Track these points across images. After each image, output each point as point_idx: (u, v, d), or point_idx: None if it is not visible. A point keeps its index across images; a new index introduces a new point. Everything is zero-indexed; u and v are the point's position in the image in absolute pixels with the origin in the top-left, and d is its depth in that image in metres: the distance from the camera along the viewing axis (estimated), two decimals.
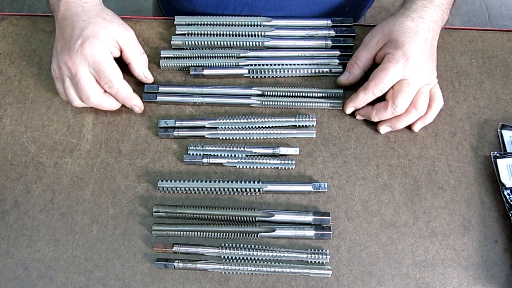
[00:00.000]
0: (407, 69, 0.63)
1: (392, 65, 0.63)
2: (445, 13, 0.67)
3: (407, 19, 0.65)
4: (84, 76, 0.62)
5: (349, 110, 0.69)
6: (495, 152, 0.66)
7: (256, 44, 0.73)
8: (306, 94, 0.70)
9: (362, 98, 0.67)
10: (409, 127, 0.68)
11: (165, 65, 0.72)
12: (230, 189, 0.64)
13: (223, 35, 0.73)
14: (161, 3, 0.93)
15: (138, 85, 0.71)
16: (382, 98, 0.67)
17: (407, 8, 0.66)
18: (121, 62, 0.67)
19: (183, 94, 0.70)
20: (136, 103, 0.68)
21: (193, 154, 0.66)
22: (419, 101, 0.65)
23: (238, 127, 0.68)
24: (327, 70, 0.72)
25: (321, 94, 0.70)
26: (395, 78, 0.64)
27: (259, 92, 0.70)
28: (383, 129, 0.68)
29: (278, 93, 0.70)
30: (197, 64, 0.72)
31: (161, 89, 0.70)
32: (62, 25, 0.64)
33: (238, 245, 0.61)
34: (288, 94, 0.70)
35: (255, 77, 0.72)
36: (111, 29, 0.64)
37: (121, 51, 0.66)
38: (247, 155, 0.66)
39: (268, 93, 0.70)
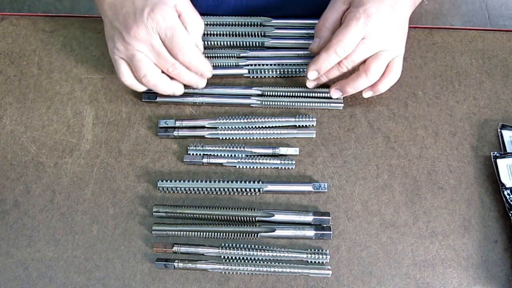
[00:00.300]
0: (367, 27, 0.60)
1: (353, 22, 0.60)
2: None
3: None
4: (158, 45, 0.59)
5: (311, 74, 0.65)
6: (495, 152, 0.66)
7: (256, 44, 0.73)
8: (305, 94, 0.70)
9: (325, 58, 0.63)
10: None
11: None
12: (230, 189, 0.64)
13: (223, 35, 0.73)
14: None
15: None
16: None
17: None
18: None
19: (183, 94, 0.70)
20: (209, 67, 0.65)
21: (193, 154, 0.66)
22: (371, 65, 0.62)
23: (238, 127, 0.68)
24: None
25: (320, 94, 0.70)
26: (357, 35, 0.61)
27: (259, 92, 0.70)
28: (334, 92, 0.67)
29: (278, 93, 0.70)
30: None
31: None
32: (116, 3, 0.61)
33: (238, 245, 0.61)
34: (288, 94, 0.70)
35: (255, 77, 0.72)
36: None
37: (179, 16, 0.62)
38: (247, 155, 0.66)
39: (268, 93, 0.70)
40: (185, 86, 0.68)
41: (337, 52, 0.62)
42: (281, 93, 0.70)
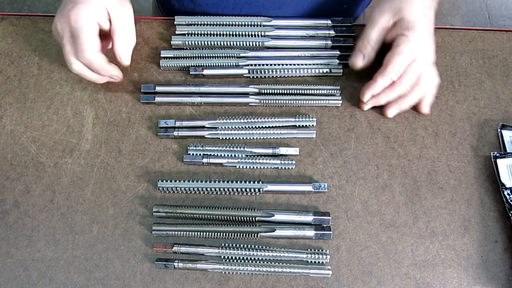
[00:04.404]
0: (419, 51, 0.64)
1: (406, 48, 0.63)
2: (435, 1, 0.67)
3: None
4: (67, 43, 0.62)
5: (367, 97, 0.67)
6: (495, 152, 0.66)
7: (256, 44, 0.73)
8: (303, 91, 0.70)
9: (381, 83, 0.65)
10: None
11: (165, 65, 0.72)
12: (230, 189, 0.64)
13: (223, 35, 0.73)
14: (160, 3, 0.93)
15: (135, 85, 0.71)
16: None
17: None
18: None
19: (181, 94, 0.70)
20: (113, 73, 0.66)
21: (193, 154, 0.66)
22: (422, 78, 0.65)
23: (238, 127, 0.68)
24: (327, 70, 0.72)
25: (318, 92, 0.70)
26: (409, 60, 0.64)
27: (257, 90, 0.70)
28: (392, 111, 0.68)
29: (276, 91, 0.70)
30: (197, 64, 0.72)
31: (158, 88, 0.70)
32: None
33: (238, 245, 0.61)
34: (286, 92, 0.70)
35: (255, 77, 0.72)
36: (107, 1, 0.62)
37: (110, 23, 0.64)
38: (247, 155, 0.66)
39: (266, 91, 0.70)
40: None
41: (392, 77, 0.65)
42: (278, 91, 0.70)
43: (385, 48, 0.67)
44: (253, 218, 0.62)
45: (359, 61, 0.67)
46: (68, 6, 0.61)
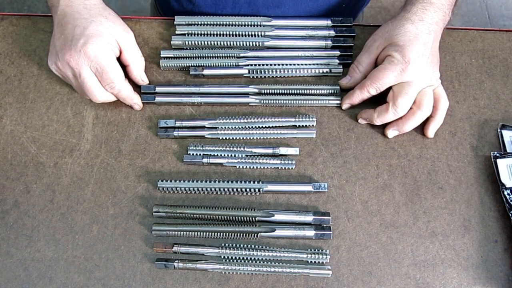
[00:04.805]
0: (405, 73, 0.63)
1: (390, 67, 0.64)
2: (447, 14, 0.67)
3: (407, 22, 0.65)
4: (88, 77, 0.62)
5: (345, 106, 0.70)
6: (495, 152, 0.66)
7: (256, 44, 0.73)
8: (302, 91, 0.70)
9: (358, 95, 0.67)
10: (422, 133, 0.68)
11: (165, 65, 0.72)
12: (230, 189, 0.64)
13: (223, 35, 0.73)
14: (159, 3, 0.93)
15: (134, 85, 0.71)
16: (384, 101, 0.67)
17: (408, 10, 0.66)
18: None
19: (180, 94, 0.70)
20: (136, 101, 0.68)
21: (193, 154, 0.66)
22: (423, 101, 0.64)
23: (238, 127, 0.68)
24: (327, 70, 0.72)
25: (317, 91, 0.70)
26: (391, 80, 0.64)
27: (256, 90, 0.70)
28: (391, 133, 0.68)
29: (276, 91, 0.70)
30: (197, 64, 0.72)
31: (158, 89, 0.70)
32: (62, 21, 0.63)
33: (238, 245, 0.61)
34: (286, 92, 0.70)
35: (255, 77, 0.72)
36: (113, 29, 0.64)
37: (120, 52, 0.66)
38: (247, 155, 0.66)
39: (266, 91, 0.70)
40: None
41: (370, 92, 0.66)
42: (278, 91, 0.70)
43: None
44: (253, 218, 0.62)
45: (344, 81, 0.70)
46: (79, 41, 0.61)
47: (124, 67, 0.68)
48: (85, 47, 0.61)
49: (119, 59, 0.66)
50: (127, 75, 0.68)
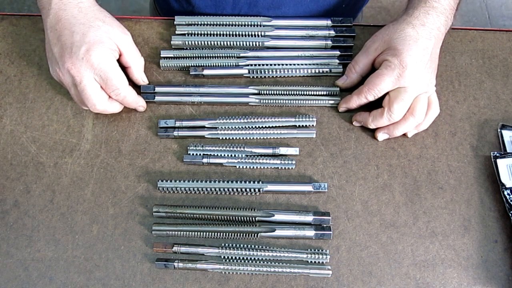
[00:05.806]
0: (402, 78, 0.63)
1: (387, 72, 0.63)
2: (449, 18, 0.66)
3: (408, 26, 0.64)
4: (89, 85, 0.61)
5: (341, 109, 0.70)
6: (495, 152, 0.66)
7: (256, 44, 0.73)
8: (302, 92, 0.70)
9: (355, 100, 0.67)
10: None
11: (165, 65, 0.72)
12: (230, 189, 0.64)
13: (223, 35, 0.73)
14: (158, 3, 0.93)
15: (134, 85, 0.71)
16: (379, 105, 0.67)
17: (409, 14, 0.65)
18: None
19: (180, 94, 0.70)
20: (141, 104, 0.68)
21: (193, 154, 0.66)
22: (417, 108, 0.64)
23: (238, 127, 0.68)
24: (327, 70, 0.72)
25: (317, 92, 0.70)
26: (388, 85, 0.64)
27: (256, 91, 0.70)
28: (381, 136, 0.67)
29: (275, 92, 0.70)
30: (197, 64, 0.72)
31: (158, 89, 0.70)
32: (57, 26, 0.61)
33: (238, 245, 0.61)
34: (286, 92, 0.70)
35: (255, 77, 0.72)
36: (112, 34, 0.63)
37: (120, 55, 0.66)
38: (247, 155, 0.66)
39: (266, 92, 0.70)
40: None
41: (367, 97, 0.66)
42: (277, 92, 0.70)
43: None
44: (253, 218, 0.62)
45: (341, 81, 0.70)
46: (80, 48, 0.60)
47: (124, 69, 0.67)
48: (87, 55, 0.60)
49: (119, 61, 0.66)
50: (127, 77, 0.68)
